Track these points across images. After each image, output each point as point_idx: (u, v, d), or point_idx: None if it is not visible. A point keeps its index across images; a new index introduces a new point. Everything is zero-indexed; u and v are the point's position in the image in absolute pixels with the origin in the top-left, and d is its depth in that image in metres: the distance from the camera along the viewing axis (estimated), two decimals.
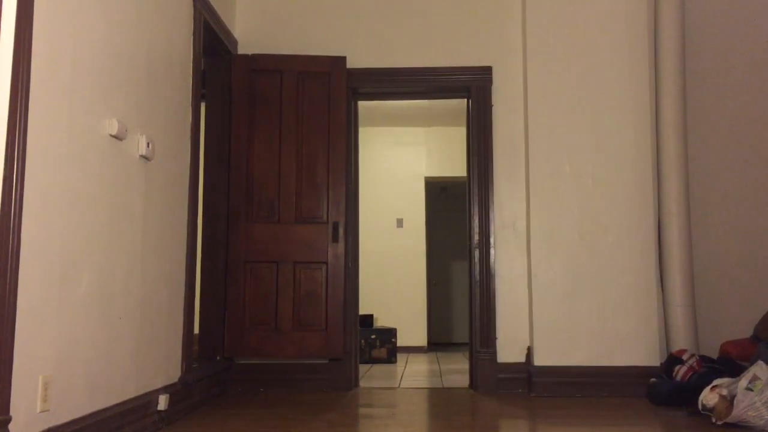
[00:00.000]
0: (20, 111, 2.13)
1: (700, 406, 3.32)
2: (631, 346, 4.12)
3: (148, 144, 3.02)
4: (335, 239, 4.39)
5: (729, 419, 3.13)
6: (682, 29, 4.33)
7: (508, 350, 4.37)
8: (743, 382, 3.15)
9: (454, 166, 7.95)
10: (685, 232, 4.22)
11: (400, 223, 8.00)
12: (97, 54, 2.63)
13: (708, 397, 3.29)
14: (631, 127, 4.28)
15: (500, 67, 4.58)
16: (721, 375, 3.51)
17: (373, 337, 6.54)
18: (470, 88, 4.59)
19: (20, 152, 2.12)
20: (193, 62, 3.69)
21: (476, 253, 4.46)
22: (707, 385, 3.36)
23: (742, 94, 4.53)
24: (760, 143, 4.48)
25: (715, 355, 4.03)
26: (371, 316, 7.04)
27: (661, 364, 4.06)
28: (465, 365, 5.02)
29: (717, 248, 4.44)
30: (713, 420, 3.21)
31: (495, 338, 4.38)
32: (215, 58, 4.42)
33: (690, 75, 4.45)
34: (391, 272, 7.82)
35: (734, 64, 4.55)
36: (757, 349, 3.70)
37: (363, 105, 5.07)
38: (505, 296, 4.41)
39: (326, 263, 4.38)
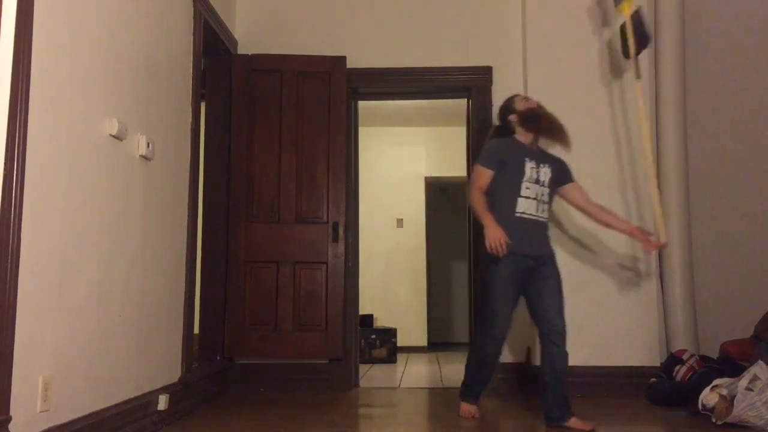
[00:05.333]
0: (20, 111, 2.13)
1: (700, 406, 3.32)
2: (631, 346, 4.11)
3: (148, 144, 3.02)
4: (335, 239, 4.39)
5: (729, 419, 3.13)
6: (682, 28, 4.33)
7: (508, 350, 4.36)
8: (743, 382, 3.15)
9: (454, 166, 7.92)
10: (685, 232, 4.22)
11: (400, 223, 7.99)
12: (96, 54, 2.63)
13: (708, 397, 3.28)
14: (630, 127, 4.27)
15: (500, 67, 4.58)
16: (721, 375, 3.51)
17: (373, 337, 6.54)
18: (470, 88, 4.59)
19: (20, 152, 2.12)
20: (193, 62, 3.69)
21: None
22: (707, 385, 3.36)
23: (743, 94, 4.53)
24: (760, 143, 4.48)
25: (715, 355, 4.03)
26: (371, 316, 7.04)
27: (661, 364, 4.06)
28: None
29: (717, 248, 4.44)
30: (713, 420, 3.21)
31: None
32: (215, 58, 4.42)
33: (690, 74, 4.45)
34: (391, 272, 7.82)
35: (735, 64, 4.55)
36: (757, 349, 3.70)
37: (363, 105, 5.06)
38: None
39: (326, 263, 4.38)
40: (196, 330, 4.14)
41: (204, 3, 3.85)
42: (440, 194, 9.57)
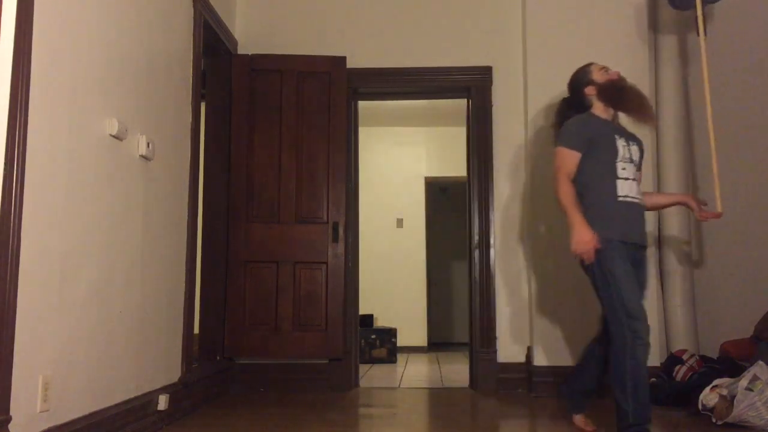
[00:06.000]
0: (20, 111, 2.13)
1: (700, 406, 3.32)
2: None
3: (148, 144, 3.02)
4: (335, 239, 4.39)
5: (729, 419, 3.13)
6: (682, 24, 4.33)
7: (508, 350, 4.37)
8: (743, 382, 3.15)
9: (454, 166, 7.94)
10: (685, 231, 4.23)
11: (400, 223, 8.00)
12: (97, 54, 2.63)
13: (708, 397, 3.29)
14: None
15: (500, 67, 4.58)
16: (721, 375, 3.51)
17: (373, 337, 6.54)
18: (470, 88, 4.59)
19: (20, 152, 2.12)
20: (193, 62, 3.69)
21: (476, 253, 4.45)
22: (707, 385, 3.36)
23: (743, 94, 4.52)
24: (760, 143, 4.47)
25: (715, 355, 4.03)
26: (371, 316, 7.04)
27: (661, 364, 4.06)
28: (465, 365, 5.02)
29: (717, 248, 4.44)
30: (713, 420, 3.21)
31: (495, 338, 4.38)
32: (215, 58, 4.42)
33: (691, 74, 4.45)
34: (391, 272, 7.82)
35: (735, 65, 4.55)
36: (757, 349, 3.70)
37: (363, 105, 5.07)
38: (505, 296, 4.41)
39: (326, 263, 4.38)
40: (196, 330, 4.14)
41: (204, 3, 3.85)
42: (440, 194, 9.57)
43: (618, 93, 3.05)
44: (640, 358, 2.70)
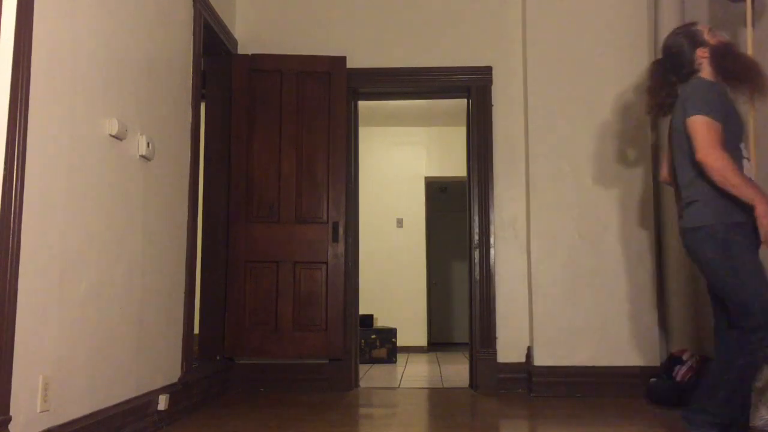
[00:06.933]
0: (20, 111, 2.13)
1: None
2: (631, 346, 4.12)
3: (148, 144, 3.02)
4: (335, 239, 4.39)
5: None
6: (682, 17, 4.32)
7: (508, 350, 4.37)
8: None
9: (454, 166, 7.95)
10: None
11: (400, 223, 8.00)
12: (97, 54, 2.63)
13: None
14: (631, 127, 4.28)
15: (500, 67, 4.58)
16: None
17: (373, 337, 6.54)
18: (470, 88, 4.59)
19: (20, 152, 2.12)
20: (193, 62, 3.70)
21: (476, 253, 4.46)
22: None
23: (741, 95, 4.52)
24: (759, 142, 4.47)
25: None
26: (371, 316, 7.04)
27: (661, 364, 4.06)
28: (465, 365, 5.02)
29: None
30: None
31: (495, 338, 4.38)
32: (215, 58, 4.42)
33: None
34: (391, 272, 7.82)
35: None
36: None
37: (363, 105, 5.07)
38: (505, 296, 4.41)
39: (326, 263, 4.38)
40: (196, 330, 4.14)
41: (204, 3, 3.85)
42: (440, 194, 9.58)
43: (735, 58, 2.67)
44: (758, 358, 2.45)
